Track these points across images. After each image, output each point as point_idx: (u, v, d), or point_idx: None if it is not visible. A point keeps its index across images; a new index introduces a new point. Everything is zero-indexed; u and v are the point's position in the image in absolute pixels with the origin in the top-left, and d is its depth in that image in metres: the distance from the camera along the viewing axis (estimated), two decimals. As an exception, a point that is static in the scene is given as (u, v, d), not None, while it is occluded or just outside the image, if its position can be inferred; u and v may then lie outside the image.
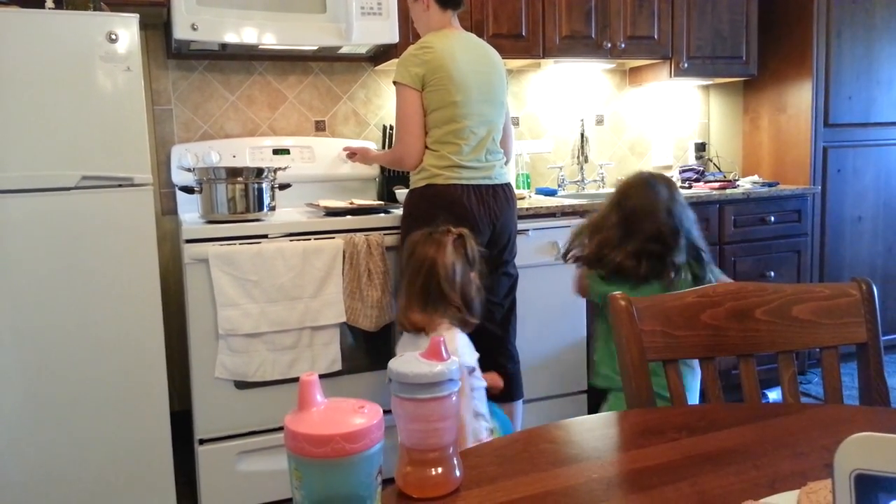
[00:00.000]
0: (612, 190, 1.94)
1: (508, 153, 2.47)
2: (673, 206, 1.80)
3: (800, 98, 3.41)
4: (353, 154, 2.71)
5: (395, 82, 2.22)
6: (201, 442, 2.23)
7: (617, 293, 1.13)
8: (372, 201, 2.67)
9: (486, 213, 2.23)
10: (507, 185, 2.34)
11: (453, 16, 2.30)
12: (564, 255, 1.91)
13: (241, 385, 2.23)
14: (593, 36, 3.02)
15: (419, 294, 1.85)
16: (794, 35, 3.40)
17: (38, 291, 1.98)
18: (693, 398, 1.66)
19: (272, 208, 2.37)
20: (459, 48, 2.22)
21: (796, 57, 3.40)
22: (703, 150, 3.69)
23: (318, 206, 2.51)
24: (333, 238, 2.28)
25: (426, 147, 2.22)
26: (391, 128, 2.90)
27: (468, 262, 1.88)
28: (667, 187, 1.83)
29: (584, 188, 3.37)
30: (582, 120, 3.36)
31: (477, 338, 2.35)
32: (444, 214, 2.12)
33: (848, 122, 3.46)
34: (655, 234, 1.76)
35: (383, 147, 2.93)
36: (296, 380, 2.04)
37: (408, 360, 0.72)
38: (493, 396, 2.38)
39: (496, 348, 2.34)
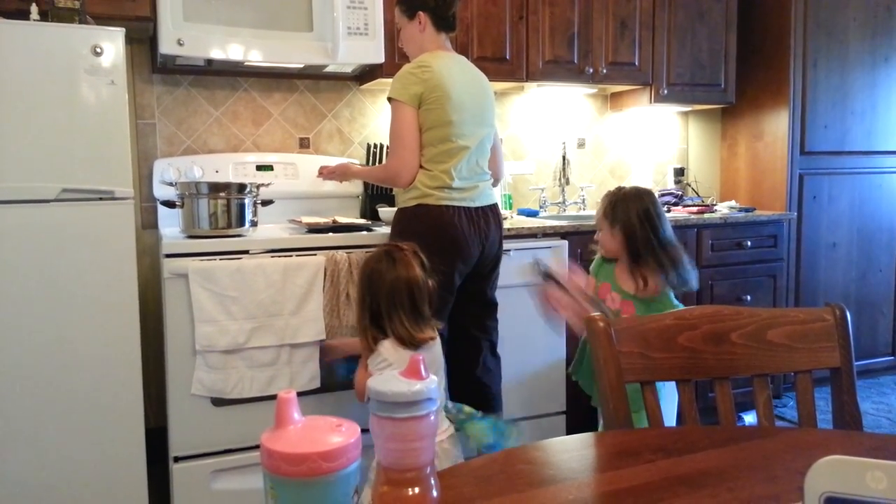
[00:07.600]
0: (593, 212, 1.97)
1: (499, 173, 2.47)
2: None
3: (776, 126, 3.48)
4: (331, 173, 2.47)
5: (390, 98, 2.20)
6: (176, 459, 2.19)
7: (596, 314, 1.14)
8: (355, 219, 2.67)
9: (476, 234, 2.24)
10: (495, 205, 2.35)
11: (446, 39, 2.31)
12: None
13: (218, 402, 2.20)
14: (576, 61, 3.07)
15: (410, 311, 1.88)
16: (771, 65, 3.48)
17: (13, 303, 1.94)
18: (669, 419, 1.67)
19: (254, 224, 2.37)
20: (455, 69, 2.23)
21: (773, 86, 3.47)
22: (682, 174, 3.75)
23: (300, 222, 2.51)
24: (315, 255, 2.28)
25: (419, 165, 2.22)
26: (375, 146, 2.91)
27: (426, 272, 1.93)
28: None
29: (565, 210, 3.39)
30: (564, 143, 3.40)
31: (460, 357, 2.36)
32: (435, 235, 2.13)
33: (823, 151, 3.54)
34: None
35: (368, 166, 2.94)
36: (274, 397, 2.02)
37: (387, 378, 0.72)
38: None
39: (480, 368, 2.34)
